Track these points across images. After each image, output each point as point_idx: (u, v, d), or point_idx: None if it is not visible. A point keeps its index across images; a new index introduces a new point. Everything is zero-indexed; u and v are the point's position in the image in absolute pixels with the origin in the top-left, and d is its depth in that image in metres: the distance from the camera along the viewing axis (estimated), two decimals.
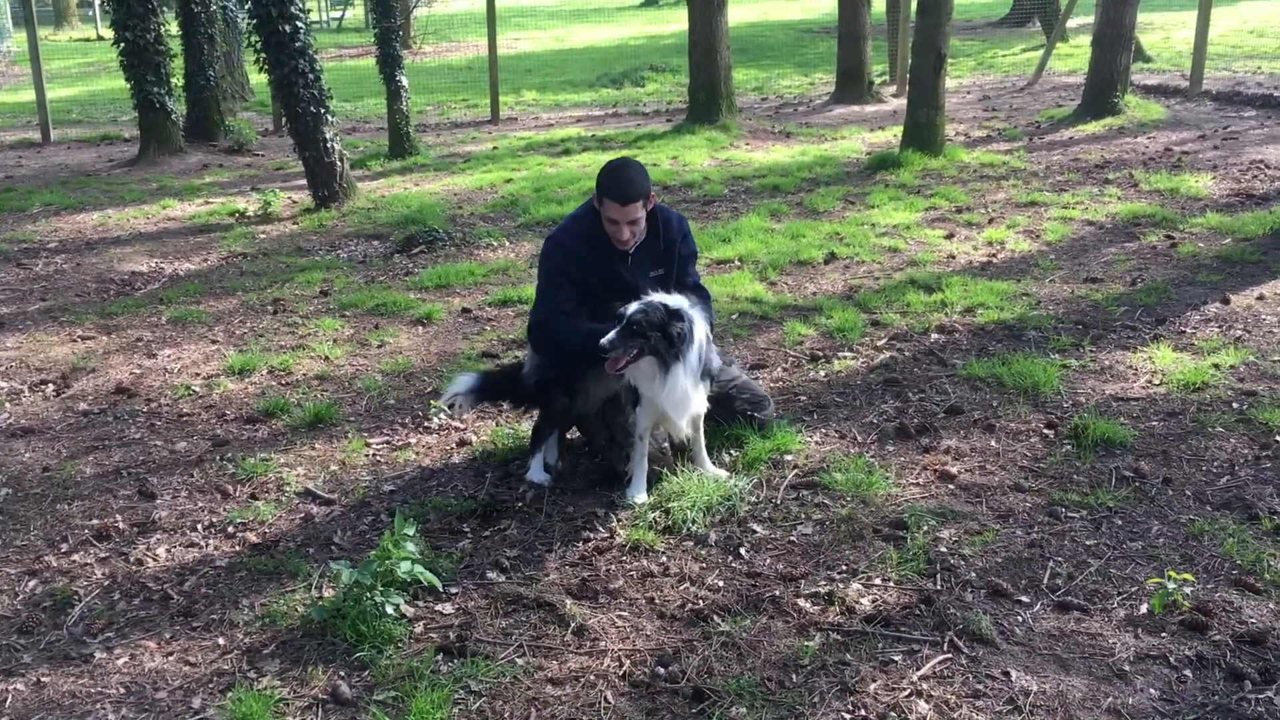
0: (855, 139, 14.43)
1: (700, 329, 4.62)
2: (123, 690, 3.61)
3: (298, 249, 9.61)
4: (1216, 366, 5.85)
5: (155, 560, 4.44)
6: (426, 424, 5.68)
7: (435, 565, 4.17)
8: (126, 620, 4.02)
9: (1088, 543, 4.26)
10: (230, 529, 4.67)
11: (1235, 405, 5.41)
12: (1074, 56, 20.58)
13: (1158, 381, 5.75)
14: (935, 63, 11.87)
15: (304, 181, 11.35)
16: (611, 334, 4.40)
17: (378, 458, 5.34)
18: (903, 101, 17.82)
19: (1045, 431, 5.24)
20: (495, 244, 9.34)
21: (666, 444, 5.08)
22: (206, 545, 4.55)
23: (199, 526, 4.71)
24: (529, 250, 9.12)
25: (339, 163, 10.97)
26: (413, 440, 5.51)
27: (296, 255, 9.39)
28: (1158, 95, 16.34)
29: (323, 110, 10.66)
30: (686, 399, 4.60)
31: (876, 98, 17.84)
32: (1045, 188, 10.63)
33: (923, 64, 11.97)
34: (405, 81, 13.82)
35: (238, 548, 4.51)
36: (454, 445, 5.43)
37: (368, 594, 3.82)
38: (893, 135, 14.45)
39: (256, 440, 5.59)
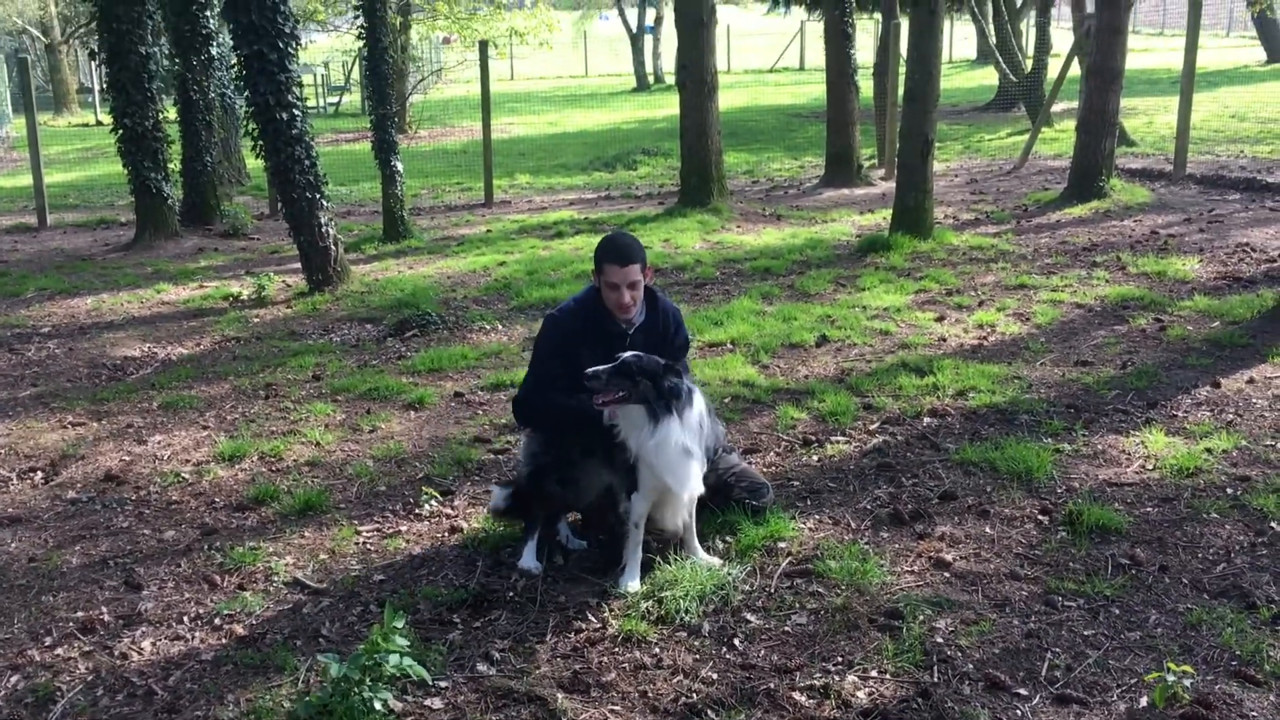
0: (845, 221, 14.57)
1: (700, 400, 4.68)
2: None
3: (291, 333, 9.63)
4: (1209, 451, 5.85)
5: (140, 654, 4.37)
6: (417, 511, 5.64)
7: (424, 658, 4.11)
8: (109, 717, 3.94)
9: (1085, 633, 4.22)
10: (217, 621, 4.60)
11: (1229, 491, 5.40)
12: (1059, 140, 20.88)
13: (1151, 466, 5.74)
14: (923, 148, 12.04)
15: (298, 265, 11.41)
16: (602, 368, 4.49)
17: (368, 546, 5.29)
18: (891, 185, 18.04)
19: (1040, 518, 5.22)
20: (488, 327, 9.37)
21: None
22: (192, 638, 4.48)
23: (185, 618, 4.64)
24: (522, 334, 9.15)
25: (333, 247, 11.03)
26: (403, 528, 5.47)
27: (289, 339, 9.41)
28: (1142, 179, 16.57)
29: (318, 195, 10.75)
30: (684, 464, 4.58)
31: (865, 180, 18.05)
32: (1034, 270, 10.72)
33: (910, 149, 12.14)
34: (400, 166, 13.97)
35: (224, 640, 4.45)
36: (445, 533, 5.39)
37: (355, 689, 3.75)
38: (882, 218, 14.60)
39: (245, 528, 5.54)
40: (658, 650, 4.22)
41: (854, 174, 17.98)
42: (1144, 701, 3.77)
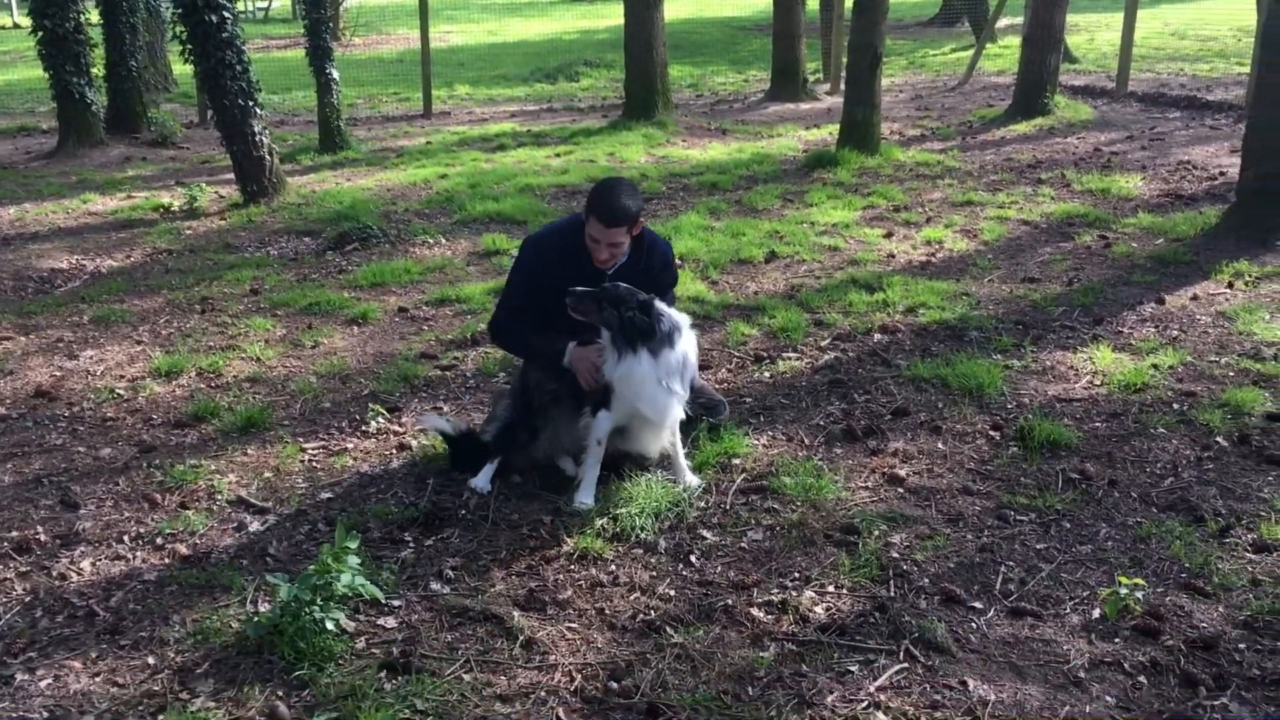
0: (791, 137, 14.44)
1: (689, 338, 4.61)
2: (46, 715, 3.42)
3: (226, 245, 9.35)
4: (1155, 367, 5.90)
5: (79, 574, 4.24)
6: (364, 428, 5.52)
7: (377, 577, 4.04)
8: (49, 639, 3.83)
9: (1038, 546, 4.25)
10: (159, 540, 4.48)
11: (1175, 406, 5.45)
12: (1003, 57, 20.82)
13: (1099, 382, 5.78)
14: (871, 61, 11.90)
15: (231, 176, 11.06)
16: (582, 290, 4.50)
17: (314, 464, 5.17)
18: (837, 99, 17.91)
19: (991, 433, 5.23)
20: (431, 241, 9.16)
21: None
22: (134, 558, 4.36)
23: (125, 538, 4.51)
24: (465, 248, 8.96)
25: (268, 157, 10.70)
26: (350, 445, 5.35)
27: (225, 252, 9.13)
28: (1085, 96, 16.59)
29: (251, 103, 10.38)
30: (660, 395, 4.51)
31: (811, 95, 17.89)
32: (980, 187, 10.70)
33: (859, 62, 11.99)
34: (335, 74, 13.56)
35: (167, 560, 4.33)
36: (393, 450, 5.28)
37: (306, 609, 3.67)
38: (828, 133, 14.49)
39: (185, 446, 5.39)
40: (614, 568, 4.18)
41: (800, 88, 17.80)
42: (1096, 613, 3.81)
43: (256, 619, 3.76)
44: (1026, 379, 5.86)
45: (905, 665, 3.54)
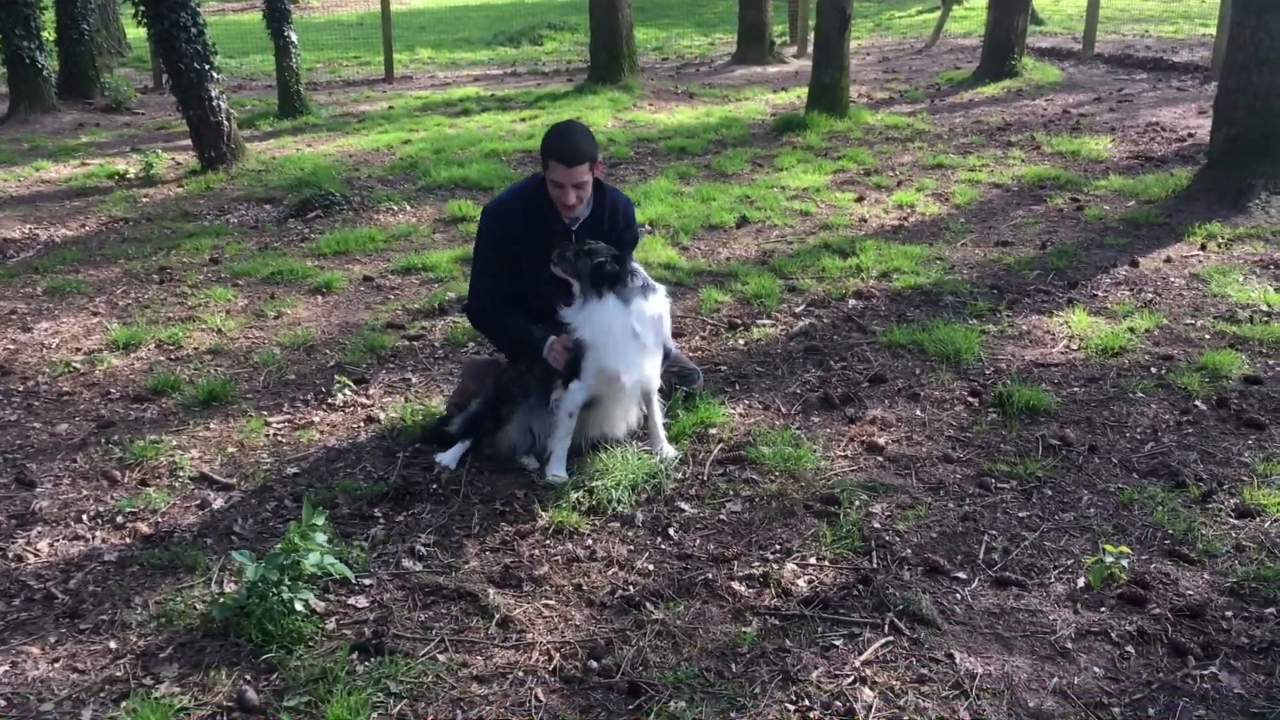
0: (759, 100, 14.29)
1: (663, 299, 4.52)
2: (3, 702, 3.29)
3: (184, 213, 9.13)
4: (1132, 331, 5.85)
5: (36, 556, 4.09)
6: (330, 400, 5.38)
7: (346, 555, 3.92)
8: (6, 623, 3.68)
9: (1020, 515, 4.19)
10: (119, 519, 4.33)
11: (1153, 370, 5.40)
12: (969, 19, 20.75)
13: (1076, 347, 5.72)
14: (840, 23, 11.77)
15: (188, 142, 10.81)
16: (568, 248, 4.46)
17: (279, 438, 5.03)
18: (804, 62, 17.79)
19: (969, 399, 5.16)
20: (396, 208, 8.98)
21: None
22: (93, 538, 4.21)
23: (84, 517, 4.36)
24: (431, 215, 8.79)
25: (226, 122, 10.44)
26: (316, 418, 5.21)
27: (183, 220, 8.91)
28: (1051, 58, 16.55)
29: (207, 67, 10.12)
30: (630, 347, 4.38)
31: (778, 58, 17.74)
32: (950, 150, 10.62)
33: (828, 24, 11.86)
34: (294, 37, 13.27)
35: (128, 540, 4.18)
36: (361, 423, 5.15)
37: (274, 589, 3.55)
38: (796, 96, 14.36)
39: (145, 421, 5.23)
40: (590, 542, 4.08)
41: (766, 51, 17.65)
42: (1081, 582, 3.75)
43: (222, 600, 3.63)
44: (1003, 344, 5.80)
45: (890, 639, 3.47)
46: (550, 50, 20.95)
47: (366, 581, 3.85)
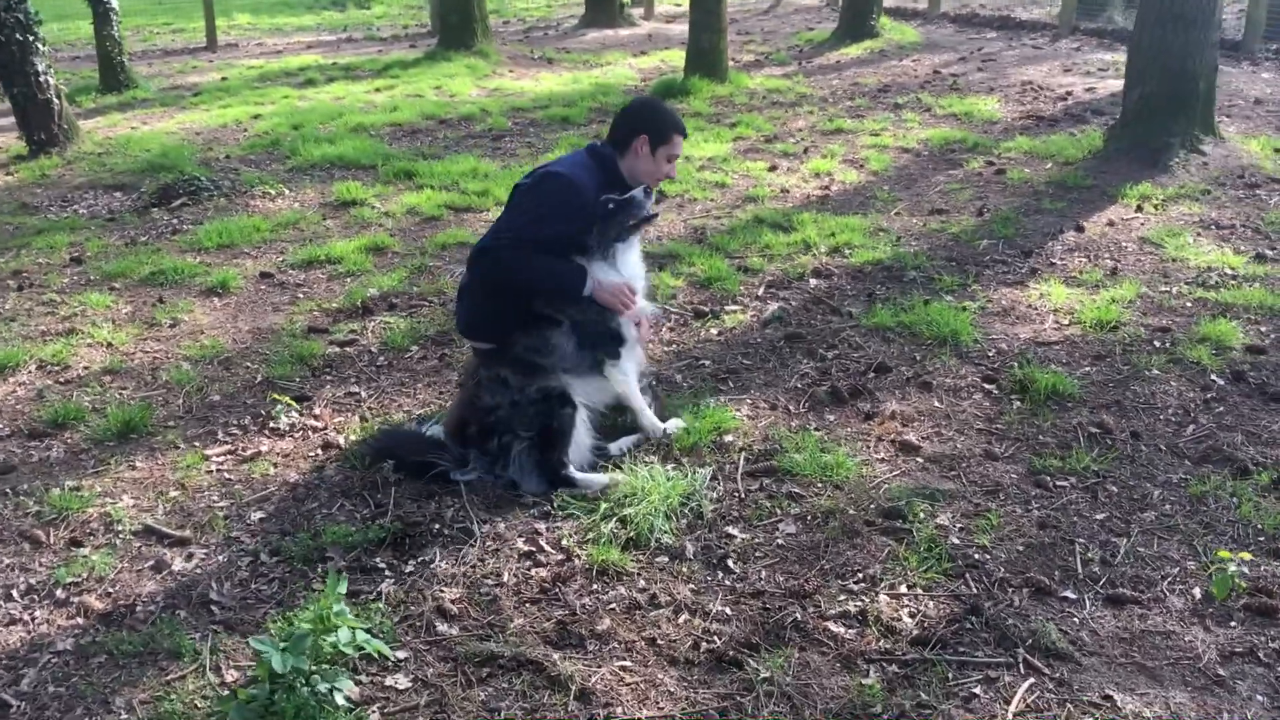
0: (623, 65, 13.76)
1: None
2: None
3: (22, 205, 8.01)
4: (1115, 301, 5.64)
5: None
6: (273, 424, 4.64)
7: (368, 622, 3.27)
8: None
9: (1098, 518, 3.86)
10: (60, 592, 3.54)
11: (1156, 343, 5.19)
12: None
13: (1067, 322, 5.47)
14: None
15: (12, 122, 9.54)
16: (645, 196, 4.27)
17: (225, 474, 4.27)
18: (655, 25, 17.36)
19: (986, 386, 4.83)
20: (272, 192, 8.08)
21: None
22: (33, 620, 3.42)
23: (14, 593, 3.54)
24: (314, 199, 7.95)
25: (56, 100, 9.25)
26: (263, 447, 4.46)
27: (23, 214, 7.81)
28: (897, 18, 16.56)
29: (31, 38, 8.93)
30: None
31: (629, 21, 17.21)
32: (842, 114, 10.35)
33: None
34: (115, 3, 11.96)
35: (79, 620, 3.41)
36: (318, 450, 4.44)
37: (304, 680, 2.89)
38: (660, 60, 13.92)
39: (52, 462, 4.38)
40: (644, 583, 3.54)
41: (616, 14, 17.11)
42: (1198, 593, 3.44)
43: (238, 700, 2.94)
44: (991, 322, 5.50)
45: (1032, 679, 3.07)
46: (380, 14, 19.85)
47: (400, 655, 3.21)
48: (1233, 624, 3.32)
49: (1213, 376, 4.86)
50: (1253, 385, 4.79)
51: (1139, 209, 7.16)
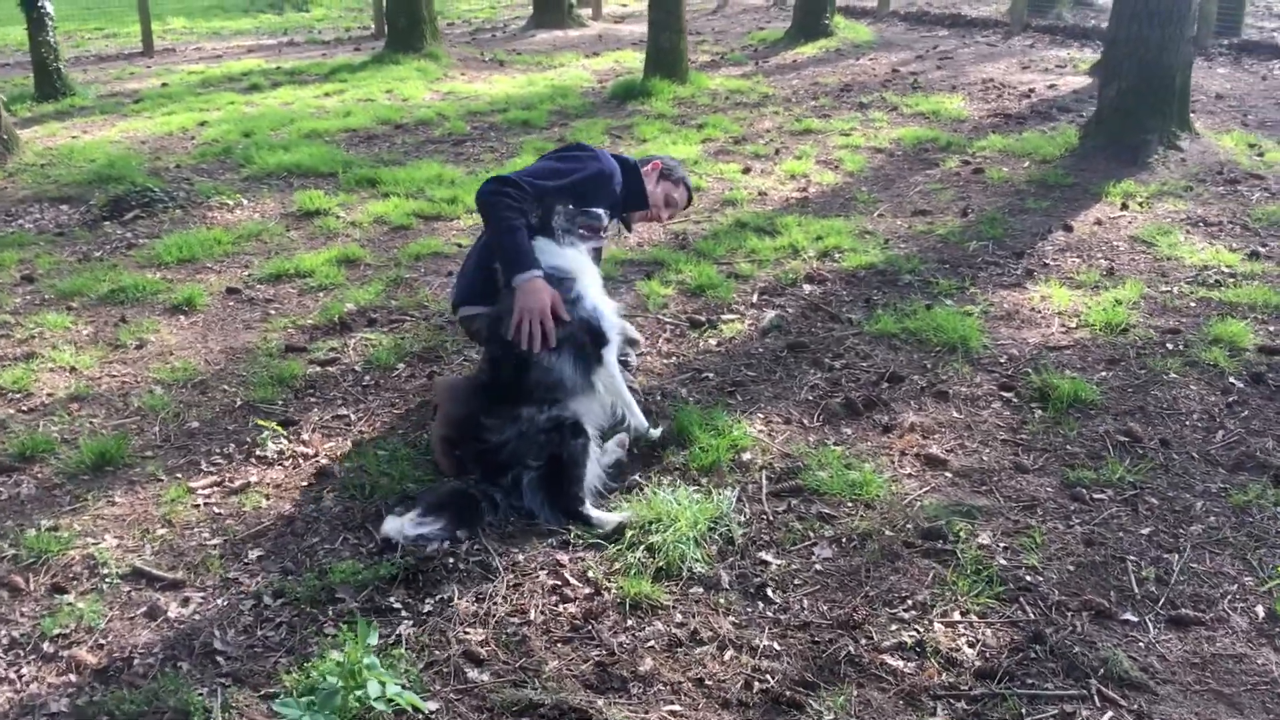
0: (576, 66, 13.52)
1: None
2: None
3: None
4: (1119, 303, 5.52)
5: None
6: (260, 452, 4.34)
7: (393, 668, 3.00)
8: None
9: (1143, 532, 3.70)
10: (47, 646, 3.23)
11: (1168, 346, 5.07)
12: None
13: (1074, 325, 5.34)
14: None
15: None
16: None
17: (214, 509, 3.97)
18: (604, 25, 17.16)
19: (1004, 394, 4.67)
20: (230, 203, 7.73)
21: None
22: (20, 677, 3.11)
23: None
24: (275, 209, 7.61)
25: None
26: (252, 477, 4.17)
27: None
28: (849, 16, 16.50)
29: None
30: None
31: (578, 21, 16.97)
32: (808, 114, 10.20)
33: None
34: (50, 8, 11.47)
35: (72, 677, 3.11)
36: (312, 478, 4.15)
37: None
38: (614, 61, 13.72)
39: (23, 500, 4.04)
40: (680, 617, 3.32)
41: (565, 15, 16.85)
42: (1261, 611, 3.30)
43: None
44: (996, 326, 5.35)
45: (1111, 713, 2.89)
46: (320, 16, 19.40)
47: (432, 707, 2.95)
48: None
49: (1231, 379, 4.75)
50: (1273, 388, 4.68)
51: (1124, 207, 7.08)
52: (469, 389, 4.23)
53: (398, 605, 3.39)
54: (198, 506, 3.98)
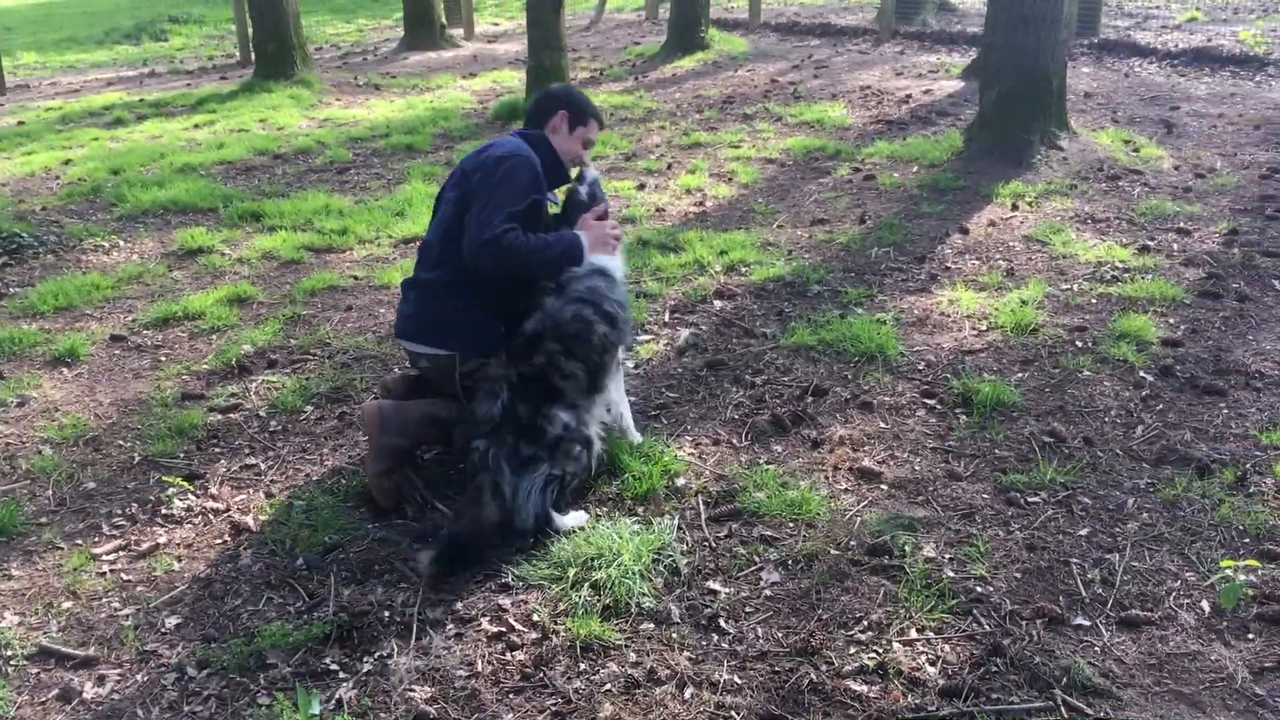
0: (454, 88, 13.32)
1: None
2: None
3: None
4: (1025, 303, 5.60)
5: None
6: (165, 510, 4.09)
7: None
8: None
9: (1081, 533, 3.73)
10: None
11: (1078, 344, 5.16)
12: None
13: (985, 328, 5.40)
14: (554, 2, 11.03)
15: None
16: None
17: (123, 575, 3.72)
18: (478, 45, 16.99)
19: (927, 401, 4.68)
20: (106, 244, 7.35)
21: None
22: None
23: None
24: (155, 249, 7.27)
25: None
26: (160, 538, 3.92)
27: None
28: (721, 28, 16.62)
29: None
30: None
31: (450, 42, 16.75)
32: (695, 127, 10.21)
33: (541, 4, 11.09)
34: None
35: None
36: (227, 534, 3.93)
37: None
38: (492, 81, 13.57)
39: None
40: (635, 656, 3.21)
41: (437, 35, 16.62)
42: (1206, 606, 3.33)
43: None
44: (910, 333, 5.37)
45: None
46: (180, 46, 18.78)
47: None
48: (1251, 636, 3.21)
49: (1142, 374, 4.85)
50: (1182, 380, 4.79)
51: (1015, 207, 7.22)
52: (399, 416, 4.06)
53: (334, 666, 3.20)
54: (104, 574, 3.73)
